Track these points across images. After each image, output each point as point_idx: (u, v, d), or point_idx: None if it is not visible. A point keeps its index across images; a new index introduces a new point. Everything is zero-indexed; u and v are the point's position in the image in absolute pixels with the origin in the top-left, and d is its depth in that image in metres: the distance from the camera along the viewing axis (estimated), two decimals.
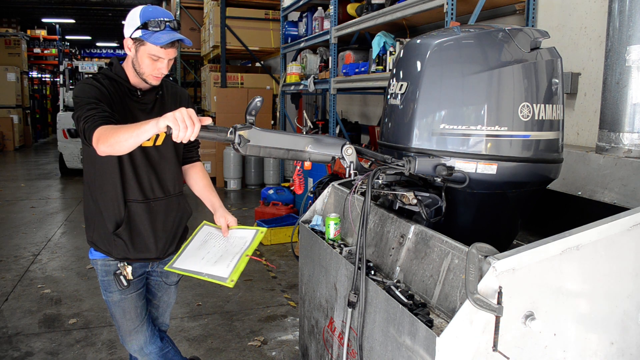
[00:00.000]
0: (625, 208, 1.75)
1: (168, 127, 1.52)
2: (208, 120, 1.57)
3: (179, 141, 1.54)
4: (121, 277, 2.06)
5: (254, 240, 2.06)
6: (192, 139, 1.55)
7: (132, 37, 1.90)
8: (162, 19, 1.88)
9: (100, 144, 1.66)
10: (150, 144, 2.03)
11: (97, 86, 1.90)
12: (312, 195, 4.87)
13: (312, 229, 2.38)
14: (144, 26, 1.87)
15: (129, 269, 2.08)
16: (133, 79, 2.00)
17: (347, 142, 1.71)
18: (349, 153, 1.70)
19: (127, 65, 2.00)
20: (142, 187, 2.04)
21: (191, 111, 1.54)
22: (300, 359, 2.54)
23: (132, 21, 1.90)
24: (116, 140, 1.63)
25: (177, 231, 2.21)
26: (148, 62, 1.91)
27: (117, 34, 22.14)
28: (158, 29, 1.87)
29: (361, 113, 7.39)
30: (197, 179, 2.29)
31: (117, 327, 2.19)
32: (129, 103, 2.00)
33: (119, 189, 2.00)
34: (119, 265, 2.08)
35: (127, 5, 15.48)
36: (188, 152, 2.28)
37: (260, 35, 9.23)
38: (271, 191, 6.69)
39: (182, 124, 1.51)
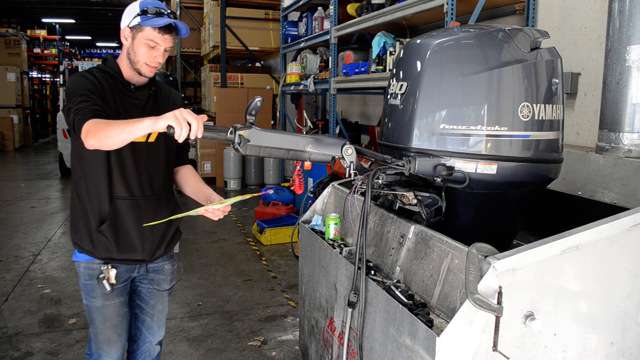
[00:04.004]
0: (625, 208, 1.75)
1: (169, 127, 1.52)
2: (204, 118, 1.58)
3: (181, 140, 1.54)
4: (104, 282, 1.98)
5: (252, 195, 2.01)
6: (199, 136, 1.55)
7: (130, 25, 1.91)
8: (161, 7, 1.91)
9: (89, 137, 1.64)
10: (142, 139, 1.97)
11: (90, 79, 1.88)
12: (312, 195, 4.87)
13: (312, 229, 2.38)
14: (142, 12, 1.89)
15: (113, 272, 2.00)
16: (127, 72, 1.97)
17: (347, 142, 1.71)
18: (349, 153, 1.70)
19: (121, 60, 1.98)
20: (128, 183, 1.98)
21: (189, 111, 1.55)
22: (300, 359, 2.54)
23: (131, 11, 1.92)
24: (106, 135, 1.61)
25: (166, 232, 2.12)
26: (144, 50, 1.90)
27: (117, 34, 22.06)
28: (156, 15, 1.89)
29: (361, 113, 7.39)
30: (189, 177, 2.22)
31: (94, 335, 2.09)
32: (122, 97, 1.97)
33: (104, 184, 1.95)
34: (102, 268, 2.00)
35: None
36: (180, 155, 2.22)
37: (260, 35, 9.22)
38: (271, 191, 6.69)
39: (184, 123, 1.51)
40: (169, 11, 1.93)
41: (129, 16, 1.92)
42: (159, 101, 2.08)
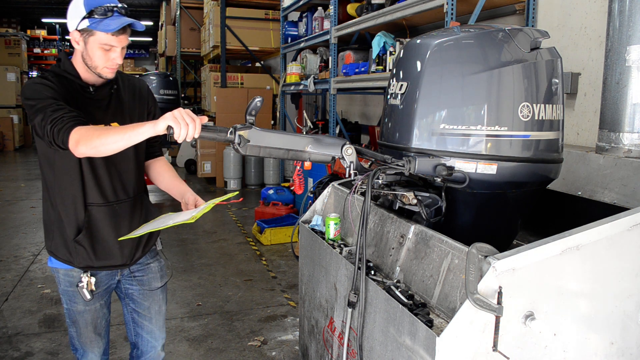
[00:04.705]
0: (625, 208, 1.75)
1: (168, 128, 1.52)
2: (205, 119, 1.57)
3: (180, 140, 1.54)
4: (84, 291, 1.94)
5: (224, 196, 1.91)
6: (196, 136, 1.54)
7: (79, 29, 1.76)
8: (108, 4, 1.75)
9: (81, 146, 1.59)
10: None
11: (49, 85, 1.77)
12: (312, 195, 4.87)
13: (312, 229, 2.38)
14: (89, 14, 1.73)
15: (93, 280, 1.96)
16: (84, 74, 1.86)
17: (347, 142, 1.71)
18: (349, 153, 1.70)
19: (76, 61, 1.85)
20: (102, 189, 1.91)
21: (187, 110, 1.54)
22: (300, 359, 2.54)
23: (75, 12, 1.76)
24: (102, 142, 1.57)
25: (143, 234, 2.03)
26: (100, 53, 1.78)
27: None
28: (105, 16, 1.74)
29: (361, 113, 7.39)
30: (162, 171, 2.14)
31: (75, 335, 2.05)
32: (82, 101, 1.86)
33: (78, 191, 1.88)
34: (81, 276, 1.95)
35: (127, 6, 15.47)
36: (150, 148, 2.14)
37: (260, 35, 9.22)
38: (271, 191, 6.69)
39: (183, 122, 1.51)
40: (117, 5, 1.78)
41: (75, 18, 1.76)
42: (122, 97, 1.98)
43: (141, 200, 2.08)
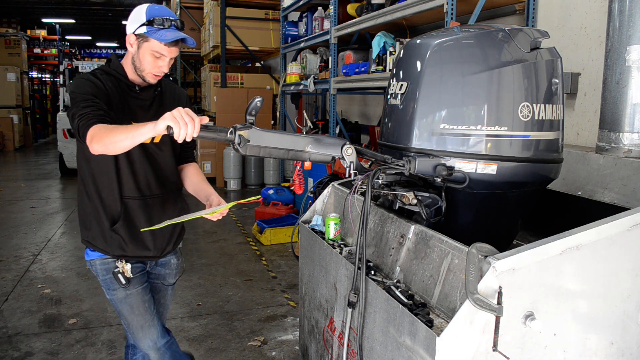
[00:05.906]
0: (625, 208, 1.75)
1: (168, 128, 1.52)
2: (205, 119, 1.58)
3: (180, 140, 1.54)
4: (119, 276, 2.03)
5: (247, 199, 2.05)
6: (195, 135, 1.55)
7: (136, 33, 1.90)
8: (167, 17, 1.90)
9: (94, 143, 1.66)
10: (148, 140, 1.97)
11: (94, 82, 1.89)
12: (312, 195, 4.87)
13: (312, 229, 2.38)
14: (149, 23, 1.87)
15: (128, 266, 2.05)
16: (131, 75, 1.99)
17: (347, 142, 1.71)
18: (349, 153, 1.70)
19: (126, 62, 1.99)
20: (138, 183, 2.02)
21: (187, 109, 1.55)
22: (300, 359, 2.54)
23: (137, 17, 1.91)
24: (111, 141, 1.63)
25: (175, 229, 2.18)
26: (150, 59, 1.92)
27: (117, 34, 22.15)
28: (163, 27, 1.88)
29: (361, 113, 7.39)
30: (192, 175, 2.24)
31: (127, 325, 2.12)
32: (127, 99, 1.99)
33: (115, 185, 1.99)
34: (117, 263, 2.05)
35: (127, 6, 15.48)
36: (184, 152, 2.25)
37: (260, 35, 9.23)
38: (271, 191, 6.70)
39: (182, 122, 1.51)
40: (175, 18, 1.92)
41: (135, 23, 1.91)
42: (164, 101, 2.10)
43: (175, 197, 2.17)
